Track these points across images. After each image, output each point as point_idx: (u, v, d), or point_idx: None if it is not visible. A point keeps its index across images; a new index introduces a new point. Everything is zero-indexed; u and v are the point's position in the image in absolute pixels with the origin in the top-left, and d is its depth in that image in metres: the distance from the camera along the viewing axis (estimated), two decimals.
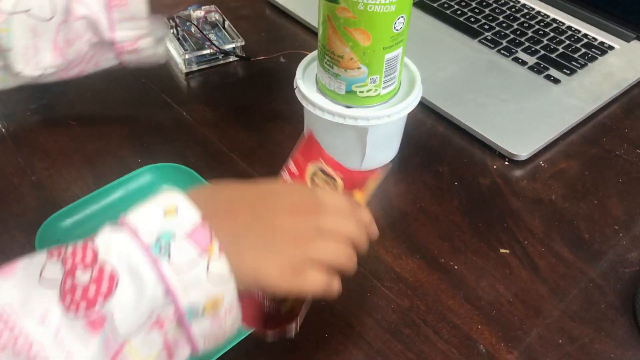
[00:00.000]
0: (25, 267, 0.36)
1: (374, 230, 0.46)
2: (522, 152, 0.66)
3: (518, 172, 0.66)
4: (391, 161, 0.67)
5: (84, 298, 0.34)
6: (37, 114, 0.71)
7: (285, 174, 0.49)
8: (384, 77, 0.58)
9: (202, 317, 0.37)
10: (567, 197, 0.63)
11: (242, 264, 0.38)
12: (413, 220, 0.61)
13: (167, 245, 0.36)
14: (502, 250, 0.58)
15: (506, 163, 0.67)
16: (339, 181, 0.50)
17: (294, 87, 0.62)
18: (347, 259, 0.42)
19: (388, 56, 0.57)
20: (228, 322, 0.38)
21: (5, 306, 0.33)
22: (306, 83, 0.63)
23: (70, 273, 0.35)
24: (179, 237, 0.36)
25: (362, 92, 0.59)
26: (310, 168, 0.50)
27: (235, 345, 0.48)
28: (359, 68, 0.57)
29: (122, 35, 0.60)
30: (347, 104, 0.60)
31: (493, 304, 0.54)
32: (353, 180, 0.50)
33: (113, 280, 0.34)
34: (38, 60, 0.59)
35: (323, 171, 0.50)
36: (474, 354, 0.50)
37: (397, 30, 0.55)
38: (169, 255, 0.35)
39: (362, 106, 0.60)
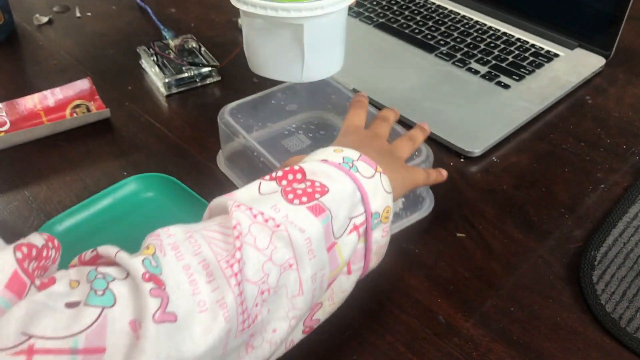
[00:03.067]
0: (240, 191, 0.45)
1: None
2: (476, 149, 0.72)
3: (473, 168, 0.72)
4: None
5: (304, 194, 0.44)
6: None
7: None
8: None
9: (379, 225, 0.48)
10: (517, 187, 0.69)
11: (395, 177, 0.52)
12: None
13: (352, 163, 0.48)
14: (458, 235, 0.64)
15: (462, 160, 0.73)
16: None
17: None
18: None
19: None
20: (387, 238, 0.50)
21: (241, 205, 0.42)
22: None
23: (287, 186, 0.45)
24: (356, 159, 0.49)
25: None
26: None
27: None
28: None
29: None
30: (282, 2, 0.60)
31: (451, 280, 0.59)
32: None
33: (324, 187, 0.45)
34: None
35: None
36: (434, 323, 0.55)
37: None
38: (357, 169, 0.48)
39: (296, 2, 0.61)
